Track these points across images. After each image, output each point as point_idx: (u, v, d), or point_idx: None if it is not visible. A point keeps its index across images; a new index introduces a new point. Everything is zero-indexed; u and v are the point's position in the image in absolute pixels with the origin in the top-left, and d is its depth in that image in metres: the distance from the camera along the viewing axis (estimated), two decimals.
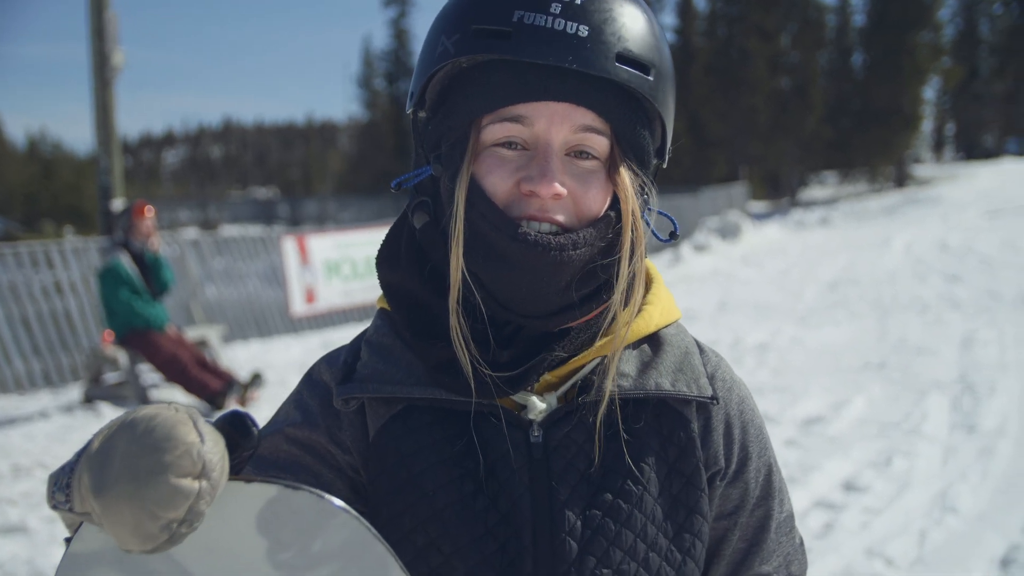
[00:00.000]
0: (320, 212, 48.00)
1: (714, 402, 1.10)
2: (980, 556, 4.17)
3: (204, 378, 7.43)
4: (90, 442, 0.82)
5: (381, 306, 1.13)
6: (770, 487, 1.17)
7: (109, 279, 7.47)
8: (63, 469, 0.85)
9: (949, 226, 21.35)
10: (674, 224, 1.10)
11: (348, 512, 0.85)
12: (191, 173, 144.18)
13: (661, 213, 1.11)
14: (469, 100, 0.99)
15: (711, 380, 1.12)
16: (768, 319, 10.74)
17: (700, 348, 1.16)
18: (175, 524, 0.77)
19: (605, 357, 1.04)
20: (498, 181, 0.99)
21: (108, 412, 7.62)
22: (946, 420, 6.31)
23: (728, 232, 21.31)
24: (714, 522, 1.12)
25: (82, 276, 9.92)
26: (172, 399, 7.69)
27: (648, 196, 1.05)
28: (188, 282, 10.95)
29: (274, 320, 12.08)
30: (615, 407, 1.04)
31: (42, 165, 50.91)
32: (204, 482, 0.77)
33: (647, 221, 1.05)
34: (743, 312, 11.37)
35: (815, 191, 43.54)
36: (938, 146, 67.00)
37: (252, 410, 7.26)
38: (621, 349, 1.05)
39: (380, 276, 1.11)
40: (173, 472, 0.76)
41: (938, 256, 16.17)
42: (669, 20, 46.26)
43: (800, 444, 5.86)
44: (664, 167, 1.11)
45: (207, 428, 0.81)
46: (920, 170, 45.75)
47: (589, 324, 1.04)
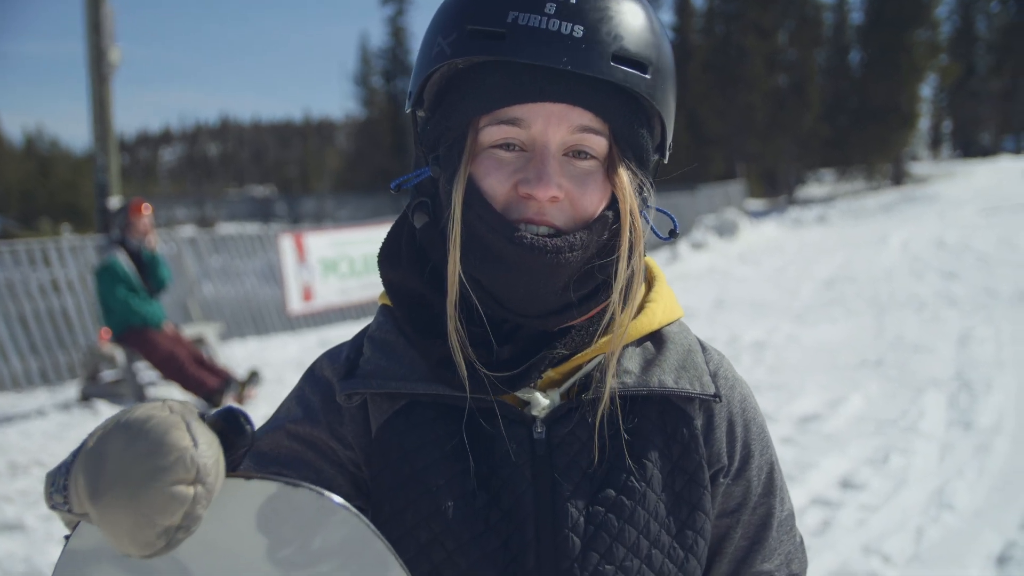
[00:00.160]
0: (318, 210, 47.92)
1: (717, 400, 1.10)
2: (977, 553, 4.18)
3: (201, 376, 7.43)
4: (85, 442, 0.81)
5: (383, 302, 1.12)
6: (772, 485, 1.17)
7: (106, 277, 7.46)
8: (59, 469, 0.85)
9: (946, 224, 21.38)
10: (674, 222, 1.10)
11: (348, 509, 0.85)
12: (188, 171, 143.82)
13: (661, 211, 1.10)
14: (465, 102, 0.99)
15: (714, 378, 1.12)
16: (765, 317, 10.74)
17: (703, 346, 1.16)
18: (172, 530, 0.76)
19: (607, 354, 1.04)
20: (495, 183, 0.99)
21: (105, 410, 7.62)
22: (943, 417, 6.32)
23: (725, 230, 21.31)
24: (716, 520, 1.13)
25: (79, 274, 9.91)
26: (169, 397, 7.67)
27: (647, 195, 1.05)
28: (185, 280, 10.94)
29: (271, 318, 12.07)
30: (618, 405, 1.04)
31: (39, 163, 50.77)
32: (199, 487, 0.77)
33: (646, 219, 1.05)
34: (740, 310, 11.38)
35: (812, 189, 43.55)
36: (935, 144, 67.11)
37: (249, 408, 7.26)
38: (620, 347, 1.04)
39: (382, 274, 1.11)
40: (167, 479, 0.75)
41: (935, 254, 16.18)
42: (667, 17, 46.18)
43: (797, 442, 5.86)
44: (665, 163, 1.10)
45: (201, 430, 0.79)
46: (917, 168, 45.80)
47: (590, 322, 1.04)
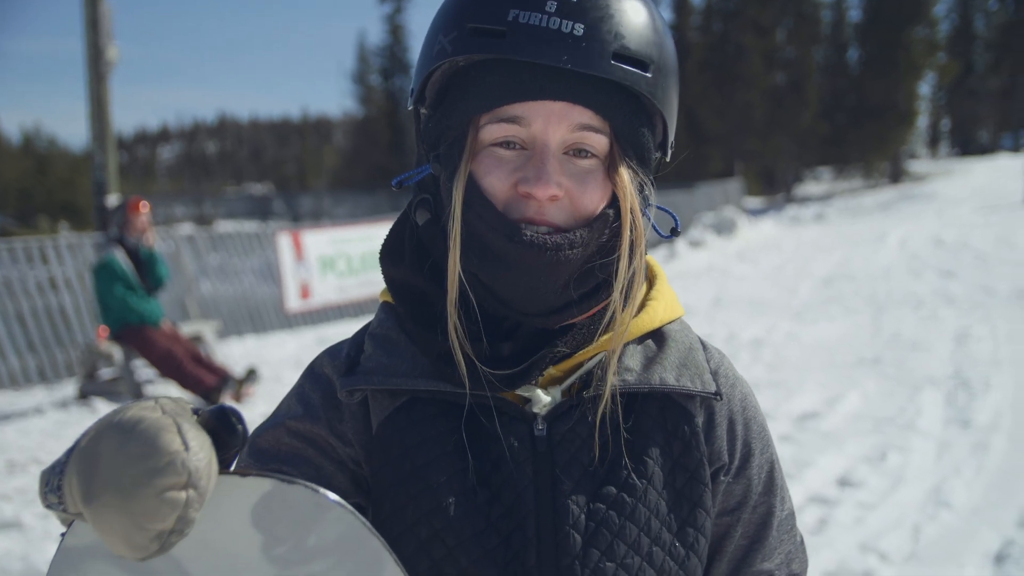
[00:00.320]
0: (315, 208, 47.89)
1: (718, 398, 1.10)
2: (974, 551, 4.18)
3: (199, 374, 7.42)
4: (78, 441, 0.81)
5: (384, 299, 1.12)
6: (772, 484, 1.17)
7: (104, 275, 7.45)
8: (53, 468, 0.84)
9: (944, 222, 21.41)
10: (675, 220, 1.10)
11: (343, 506, 0.85)
12: (186, 169, 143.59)
13: (662, 209, 1.10)
14: (466, 99, 0.99)
15: (714, 376, 1.12)
16: (763, 315, 10.75)
17: (703, 345, 1.16)
18: (165, 534, 0.76)
19: (608, 352, 1.04)
20: (496, 182, 0.99)
21: (103, 408, 7.61)
22: (940, 415, 6.33)
23: (723, 228, 21.32)
24: (717, 518, 1.12)
25: (77, 272, 9.90)
26: (166, 394, 7.66)
27: (648, 193, 1.04)
28: (183, 278, 10.93)
29: (269, 316, 12.06)
30: (619, 402, 1.04)
31: (37, 161, 50.62)
32: (191, 491, 0.76)
33: (648, 217, 1.05)
34: (738, 308, 11.38)
35: (810, 187, 43.58)
36: (933, 142, 67.21)
37: (247, 406, 7.26)
38: (621, 345, 1.05)
39: (384, 270, 1.11)
40: (158, 484, 0.75)
41: (933, 252, 16.20)
42: (665, 15, 45.32)
43: (794, 439, 5.87)
44: (667, 160, 1.10)
45: (192, 432, 0.79)
46: (915, 166, 45.88)
47: (592, 320, 1.04)
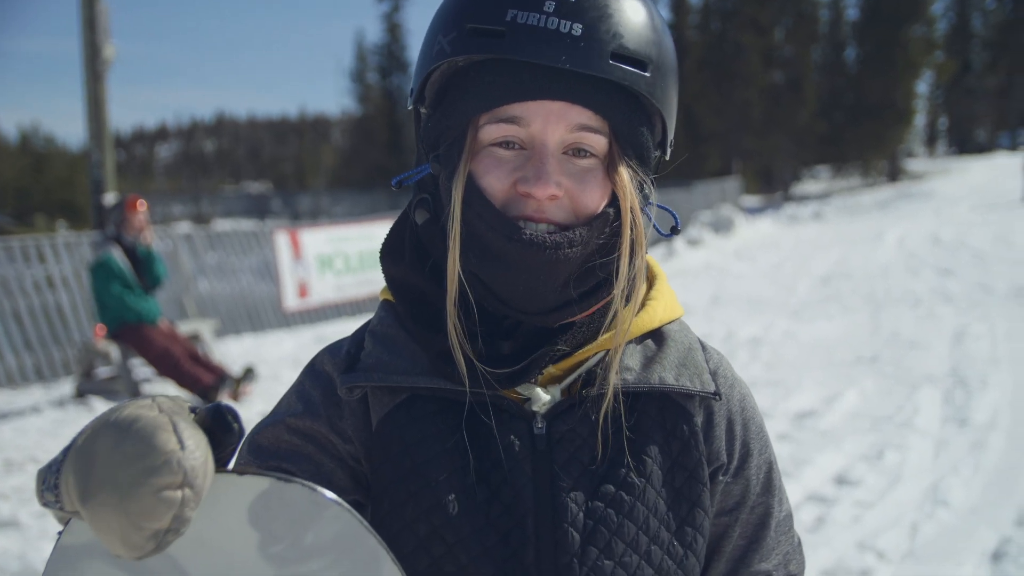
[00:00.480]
0: (313, 207, 47.88)
1: (717, 398, 1.10)
2: (971, 549, 4.19)
3: (196, 372, 7.41)
4: (75, 440, 0.81)
5: (385, 297, 1.13)
6: (770, 485, 1.17)
7: (101, 273, 7.44)
8: (51, 467, 0.84)
9: (942, 220, 21.45)
10: (675, 219, 1.10)
11: (340, 505, 0.84)
12: (184, 167, 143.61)
13: (662, 207, 1.10)
14: (465, 100, 0.99)
15: (713, 376, 1.13)
16: (761, 313, 10.76)
17: (703, 345, 1.16)
18: (161, 533, 0.76)
19: (609, 351, 1.04)
20: (495, 181, 0.99)
21: (100, 407, 7.60)
22: (938, 414, 6.34)
23: (721, 226, 21.35)
24: (715, 519, 1.13)
25: (74, 270, 9.88)
26: (163, 393, 7.66)
27: (648, 192, 1.05)
28: (181, 276, 10.92)
29: (267, 314, 12.05)
30: (619, 401, 1.04)
31: (34, 159, 50.52)
32: (187, 490, 0.76)
33: (648, 216, 1.05)
34: (736, 306, 11.39)
35: (808, 185, 43.62)
36: (931, 140, 67.33)
37: (244, 405, 7.26)
38: (623, 345, 1.05)
39: (384, 269, 1.11)
40: (154, 483, 0.75)
41: (931, 250, 16.22)
42: (663, 14, 45.97)
43: (792, 438, 5.87)
44: (666, 159, 1.10)
45: (189, 431, 0.79)
46: (913, 164, 45.95)
47: (592, 319, 1.04)
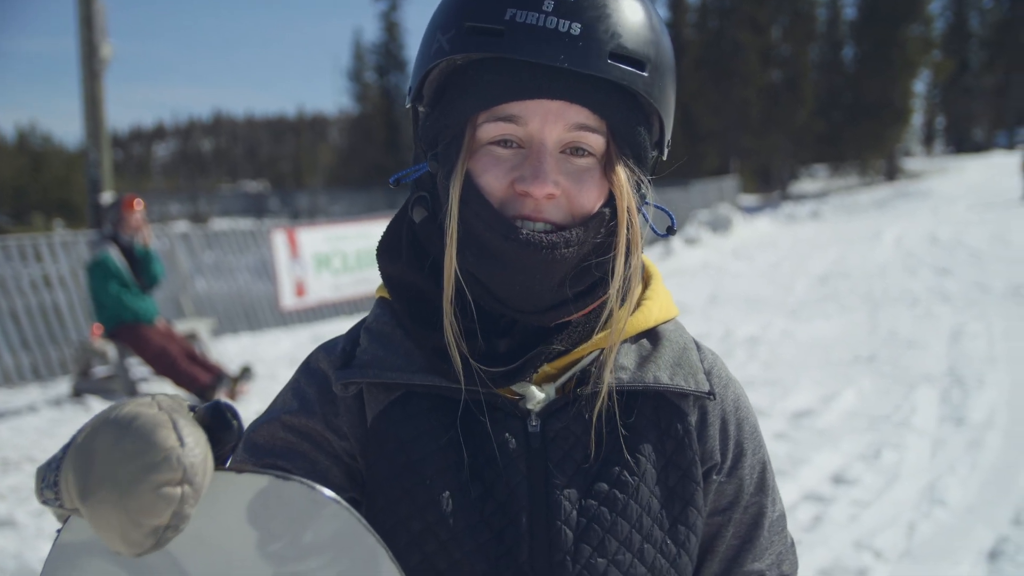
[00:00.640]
0: (311, 205, 47.87)
1: (711, 397, 1.11)
2: (968, 548, 4.19)
3: (193, 371, 7.41)
4: (75, 437, 0.81)
5: (381, 295, 1.13)
6: (764, 484, 1.17)
7: (98, 272, 7.43)
8: (50, 465, 0.85)
9: (939, 219, 21.47)
10: (671, 219, 1.11)
11: (339, 503, 0.84)
12: (181, 166, 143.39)
13: (659, 208, 1.11)
14: (464, 98, 0.99)
15: (708, 376, 1.13)
16: (759, 312, 10.76)
17: (697, 345, 1.17)
18: (160, 530, 0.76)
19: (603, 350, 1.04)
20: (492, 180, 0.99)
21: (97, 406, 7.59)
22: (935, 413, 6.34)
23: (719, 225, 21.35)
24: (708, 518, 1.13)
25: (71, 269, 9.87)
26: (159, 392, 7.66)
27: (645, 192, 1.05)
28: (178, 275, 10.91)
29: (264, 313, 12.04)
30: (613, 400, 1.04)
31: (32, 158, 50.44)
32: (187, 487, 0.76)
33: (645, 216, 1.05)
34: (734, 305, 11.39)
35: (806, 184, 43.65)
36: (928, 139, 67.39)
37: (242, 404, 7.25)
38: (618, 344, 1.05)
39: (380, 267, 1.11)
40: (154, 480, 0.75)
41: (928, 249, 16.24)
42: (661, 13, 46.01)
43: (790, 437, 5.88)
44: (663, 159, 1.11)
45: (188, 428, 0.79)
46: (910, 163, 46.02)
47: (587, 318, 1.04)
